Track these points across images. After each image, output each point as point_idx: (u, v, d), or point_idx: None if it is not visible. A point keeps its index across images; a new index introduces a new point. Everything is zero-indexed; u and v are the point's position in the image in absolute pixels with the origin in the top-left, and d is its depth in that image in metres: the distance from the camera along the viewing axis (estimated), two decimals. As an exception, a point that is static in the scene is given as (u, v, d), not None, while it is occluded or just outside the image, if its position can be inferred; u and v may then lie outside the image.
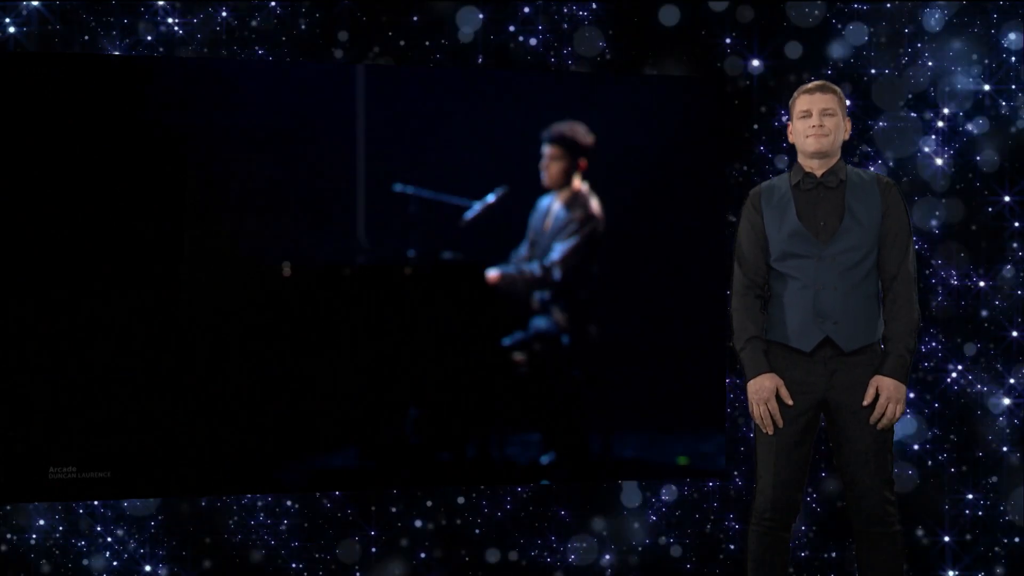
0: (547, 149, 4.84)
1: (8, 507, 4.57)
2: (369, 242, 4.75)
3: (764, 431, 3.61)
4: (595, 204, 4.89)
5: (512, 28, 4.84)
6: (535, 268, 4.85)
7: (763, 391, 3.59)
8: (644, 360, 4.93)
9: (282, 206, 4.67)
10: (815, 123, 3.60)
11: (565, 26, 4.85)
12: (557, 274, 4.85)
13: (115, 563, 4.68)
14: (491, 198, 4.84)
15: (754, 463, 3.71)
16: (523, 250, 4.91)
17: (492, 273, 4.85)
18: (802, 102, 3.65)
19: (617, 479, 4.96)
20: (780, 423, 3.58)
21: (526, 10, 4.84)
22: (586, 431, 4.94)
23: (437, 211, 4.80)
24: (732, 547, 5.01)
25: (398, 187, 4.77)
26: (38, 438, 4.41)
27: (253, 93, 4.63)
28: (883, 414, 3.53)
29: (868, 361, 3.57)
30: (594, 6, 4.85)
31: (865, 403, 3.54)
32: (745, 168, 4.96)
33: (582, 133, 4.83)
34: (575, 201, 4.88)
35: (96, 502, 4.61)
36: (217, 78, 4.62)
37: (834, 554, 4.99)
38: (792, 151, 3.76)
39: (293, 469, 4.68)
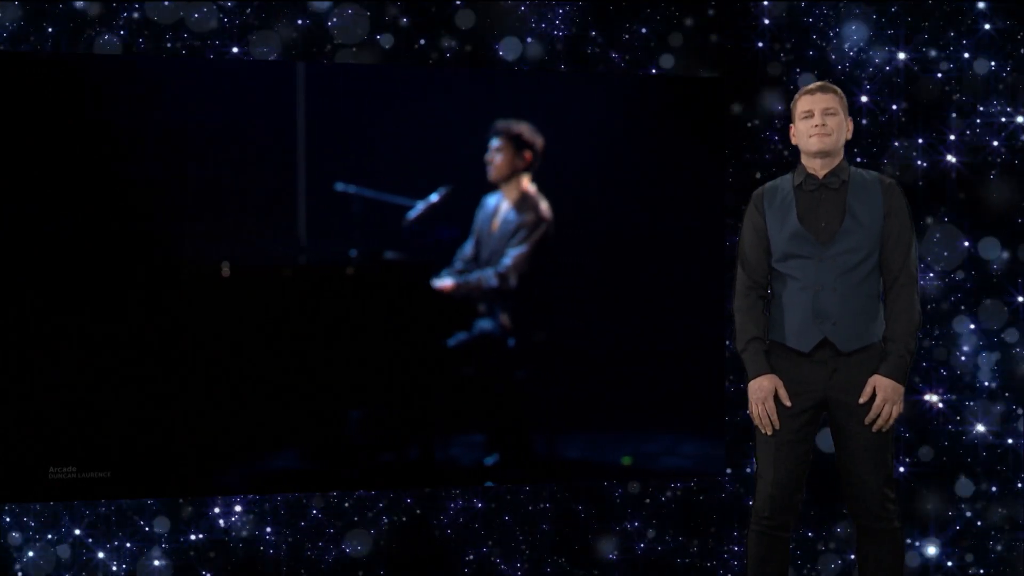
0: (493, 143, 4.80)
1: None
2: (310, 242, 4.68)
3: (763, 431, 3.62)
4: (544, 206, 4.86)
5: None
6: (490, 277, 4.81)
7: (761, 391, 3.61)
8: (612, 361, 4.92)
9: (220, 206, 4.59)
10: (817, 123, 3.62)
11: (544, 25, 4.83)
12: (513, 281, 4.81)
13: (42, 562, 4.61)
14: (434, 197, 4.79)
15: (754, 464, 3.72)
16: (468, 249, 4.86)
17: (446, 282, 4.79)
18: (804, 103, 3.66)
19: (560, 480, 4.94)
20: (777, 424, 3.59)
21: (522, 8, 4.82)
22: (531, 432, 4.92)
23: (380, 211, 4.73)
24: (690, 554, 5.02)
25: (340, 186, 4.70)
26: (38, 438, 4.37)
27: (190, 90, 4.54)
28: (879, 415, 3.55)
29: (868, 360, 3.58)
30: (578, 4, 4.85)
31: (861, 401, 3.56)
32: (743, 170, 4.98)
33: (528, 130, 4.81)
34: (524, 203, 4.84)
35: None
36: (153, 75, 4.53)
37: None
38: (795, 153, 3.76)
39: (233, 471, 4.61)
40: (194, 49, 4.63)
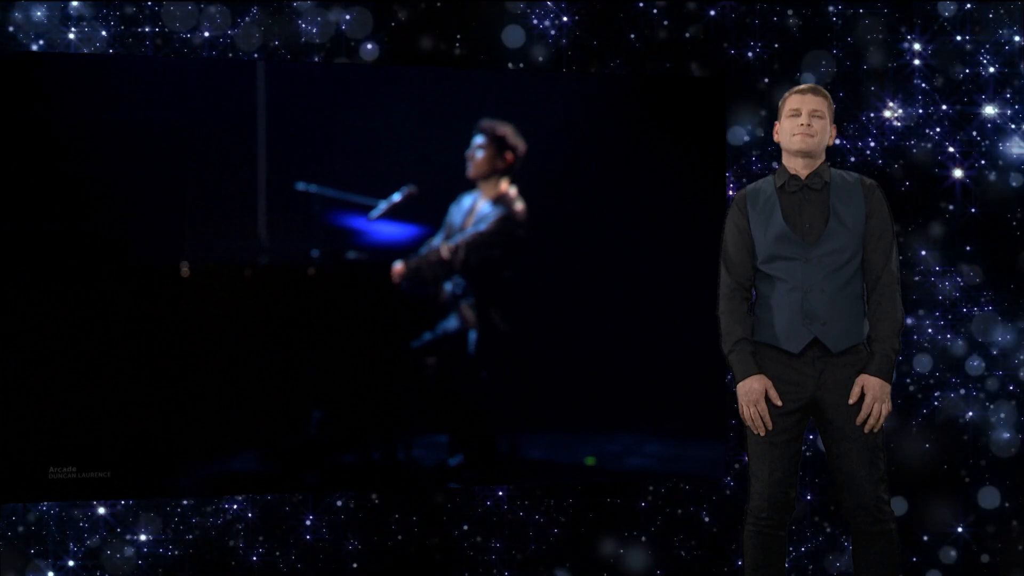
0: (476, 140, 4.79)
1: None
2: (271, 242, 4.65)
3: (755, 433, 3.63)
4: (520, 208, 4.84)
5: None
6: (436, 246, 4.78)
7: (752, 393, 3.62)
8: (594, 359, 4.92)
9: (180, 205, 4.55)
10: (803, 122, 3.64)
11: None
12: (462, 254, 4.78)
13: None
14: (397, 197, 4.76)
15: (747, 465, 3.72)
16: (437, 243, 4.84)
17: (396, 266, 4.77)
18: (792, 101, 3.68)
19: (527, 481, 4.93)
20: (770, 425, 3.61)
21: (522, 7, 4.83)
22: (495, 432, 4.91)
23: (342, 210, 4.71)
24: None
25: (301, 186, 4.67)
26: (38, 438, 4.36)
27: (148, 89, 4.51)
28: (869, 414, 3.56)
29: (855, 361, 3.61)
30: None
31: (851, 401, 3.58)
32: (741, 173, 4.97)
33: (511, 133, 4.80)
34: (501, 201, 4.83)
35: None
36: (112, 74, 4.49)
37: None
38: (777, 153, 3.77)
39: (192, 473, 4.59)
40: (156, 47, 4.60)
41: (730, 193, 4.92)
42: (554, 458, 4.97)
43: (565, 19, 4.91)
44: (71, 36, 4.58)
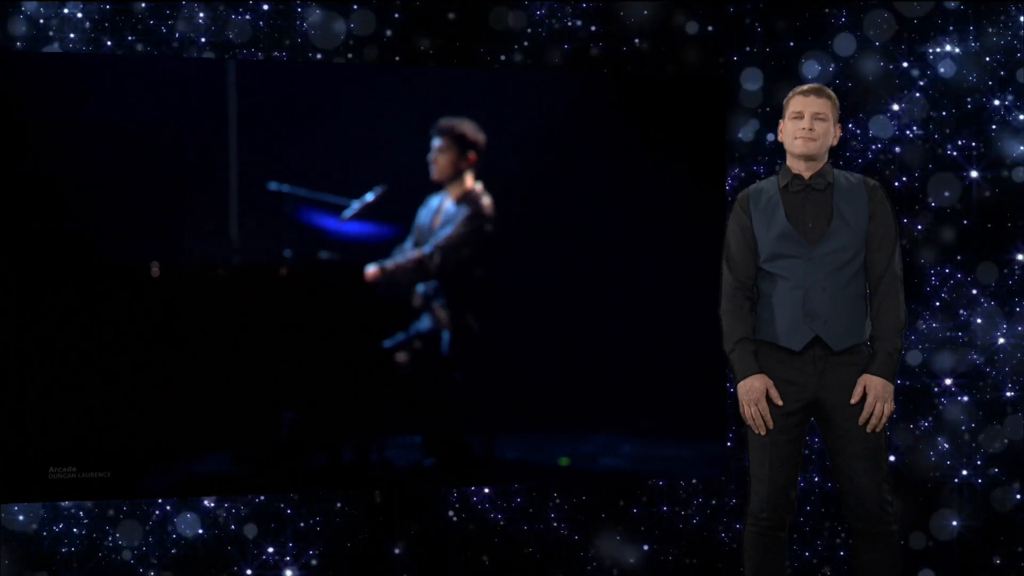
0: (435, 142, 4.77)
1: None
2: (243, 242, 4.63)
3: (756, 432, 3.62)
4: (487, 203, 4.82)
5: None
6: (412, 252, 4.77)
7: (753, 392, 3.61)
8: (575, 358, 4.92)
9: (151, 205, 4.52)
10: (805, 126, 3.63)
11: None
12: (437, 259, 4.77)
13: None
14: (370, 197, 4.75)
15: (746, 465, 3.71)
16: (407, 246, 4.83)
17: (370, 269, 4.76)
18: (796, 103, 3.67)
19: (501, 482, 4.92)
20: (771, 424, 3.60)
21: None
22: (466, 432, 4.89)
23: (314, 210, 4.69)
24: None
25: (273, 185, 4.65)
26: (38, 438, 4.35)
27: (119, 88, 4.48)
28: (872, 413, 3.56)
29: (857, 360, 3.61)
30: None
31: (853, 401, 3.57)
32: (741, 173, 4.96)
33: (471, 128, 4.77)
34: (466, 199, 4.81)
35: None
36: (81, 72, 4.46)
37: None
38: (780, 152, 3.78)
39: (163, 474, 4.56)
40: (126, 46, 4.57)
41: (727, 190, 4.91)
42: (532, 459, 4.97)
43: (564, 19, 4.90)
44: (50, 34, 4.55)
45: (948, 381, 5.00)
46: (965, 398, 5.00)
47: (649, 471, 5.02)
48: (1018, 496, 4.96)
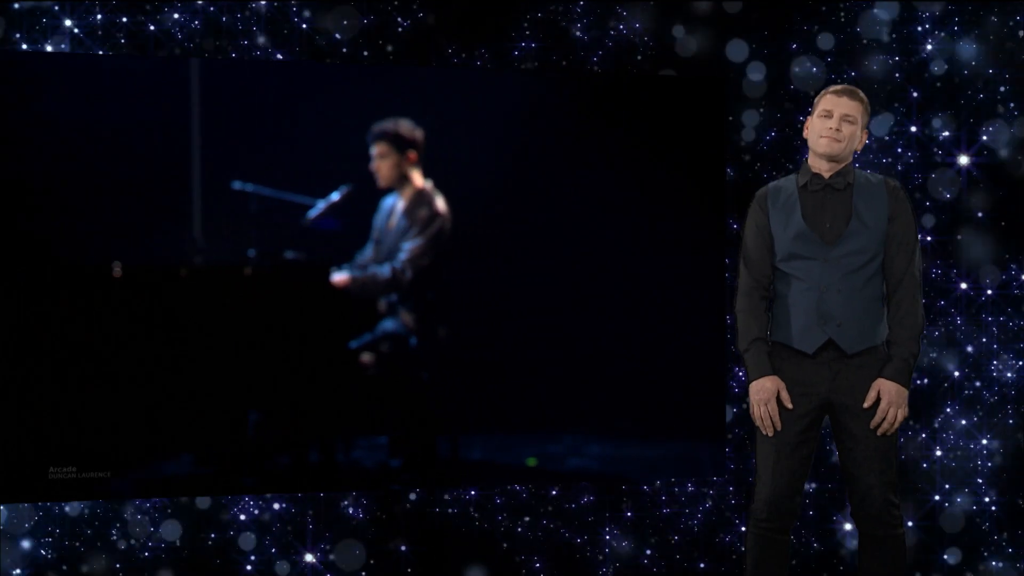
0: (373, 149, 4.72)
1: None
2: (207, 241, 4.59)
3: (764, 433, 3.62)
4: (440, 202, 4.80)
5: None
6: (386, 271, 4.75)
7: (763, 392, 3.60)
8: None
9: (112, 204, 4.48)
10: (833, 126, 3.60)
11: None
12: (409, 274, 4.75)
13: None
14: (335, 196, 4.72)
15: (753, 465, 3.72)
16: (368, 251, 4.80)
17: (340, 276, 4.72)
18: (826, 102, 3.64)
19: (464, 484, 4.91)
20: (779, 425, 3.59)
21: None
22: (435, 433, 4.87)
23: (279, 210, 4.65)
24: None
25: (237, 184, 4.61)
26: (38, 438, 4.35)
27: (79, 86, 4.43)
28: (884, 418, 3.55)
29: (871, 363, 3.59)
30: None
31: (866, 405, 3.56)
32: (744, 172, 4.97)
33: (406, 127, 4.72)
34: (420, 200, 4.78)
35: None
36: (40, 71, 4.42)
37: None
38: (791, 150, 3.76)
39: (127, 476, 4.52)
40: (86, 45, 4.53)
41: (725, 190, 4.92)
42: (504, 460, 4.96)
43: (562, 18, 4.88)
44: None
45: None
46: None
47: (645, 473, 5.01)
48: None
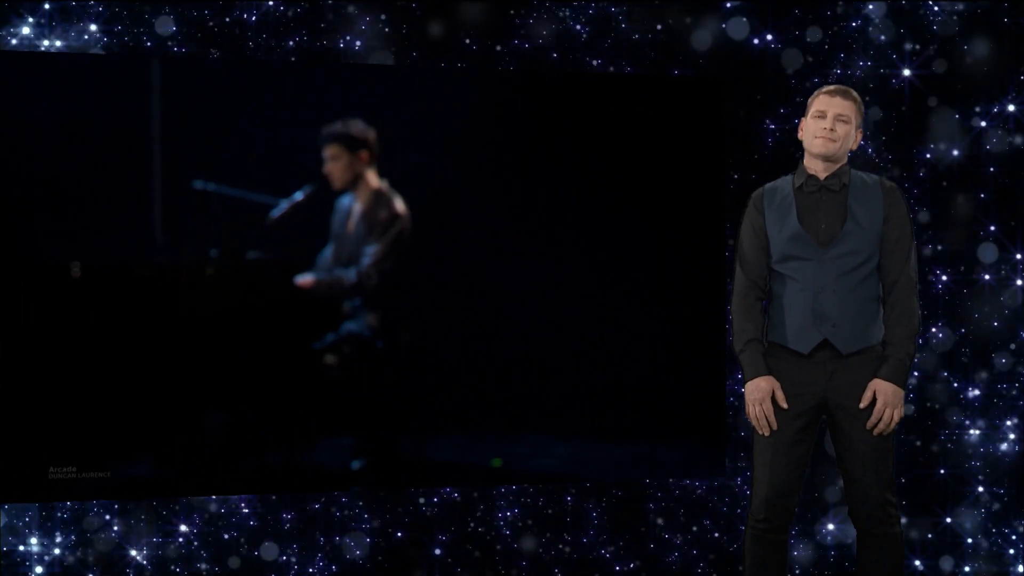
0: (325, 151, 4.68)
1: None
2: (168, 241, 4.55)
3: (760, 433, 3.62)
4: (399, 203, 4.77)
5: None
6: (351, 276, 4.72)
7: (758, 392, 3.61)
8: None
9: (71, 203, 4.44)
10: (827, 126, 3.61)
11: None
12: (375, 279, 4.73)
13: None
14: (299, 196, 4.69)
15: (750, 465, 3.71)
16: (328, 253, 4.77)
17: (305, 279, 4.69)
18: (820, 102, 3.65)
19: (432, 484, 4.90)
20: (775, 425, 3.60)
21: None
22: (398, 435, 4.86)
23: (241, 209, 4.62)
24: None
25: (199, 184, 4.58)
26: (38, 438, 4.34)
27: (39, 85, 4.39)
28: (880, 419, 3.56)
29: (867, 363, 3.60)
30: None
31: (862, 406, 3.57)
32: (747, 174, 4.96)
33: (358, 127, 4.68)
34: (378, 201, 4.74)
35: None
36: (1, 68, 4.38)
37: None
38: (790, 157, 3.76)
39: (87, 478, 4.48)
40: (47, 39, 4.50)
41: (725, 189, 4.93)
42: (460, 460, 4.93)
43: (561, 18, 4.86)
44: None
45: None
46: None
47: (641, 473, 5.02)
48: None
